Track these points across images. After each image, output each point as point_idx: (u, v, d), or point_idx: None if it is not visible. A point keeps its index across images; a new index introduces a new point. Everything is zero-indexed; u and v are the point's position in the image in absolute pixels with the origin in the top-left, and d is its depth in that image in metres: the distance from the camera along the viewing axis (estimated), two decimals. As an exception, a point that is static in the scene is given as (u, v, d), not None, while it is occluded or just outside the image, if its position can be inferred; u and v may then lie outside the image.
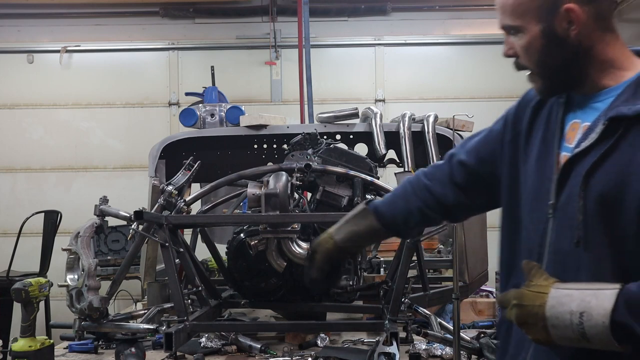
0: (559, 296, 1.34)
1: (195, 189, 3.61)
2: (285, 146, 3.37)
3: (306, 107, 5.38)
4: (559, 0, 1.44)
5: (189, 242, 3.37)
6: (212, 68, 5.38)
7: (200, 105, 4.34)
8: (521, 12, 1.48)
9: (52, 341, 2.75)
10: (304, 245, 2.65)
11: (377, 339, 2.75)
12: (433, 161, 3.41)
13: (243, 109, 4.26)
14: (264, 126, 3.73)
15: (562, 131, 1.52)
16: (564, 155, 1.49)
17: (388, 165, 3.73)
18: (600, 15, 1.46)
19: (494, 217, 1.93)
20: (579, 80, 1.50)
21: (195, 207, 3.42)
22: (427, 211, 1.83)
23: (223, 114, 4.21)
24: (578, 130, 1.49)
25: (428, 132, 3.59)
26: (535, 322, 1.36)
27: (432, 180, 1.84)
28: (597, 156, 1.40)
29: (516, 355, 1.58)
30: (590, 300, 1.31)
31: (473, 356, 2.71)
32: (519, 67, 1.55)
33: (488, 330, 2.99)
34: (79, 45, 7.04)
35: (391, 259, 3.24)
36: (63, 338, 3.12)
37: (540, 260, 1.49)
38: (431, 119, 3.64)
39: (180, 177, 2.98)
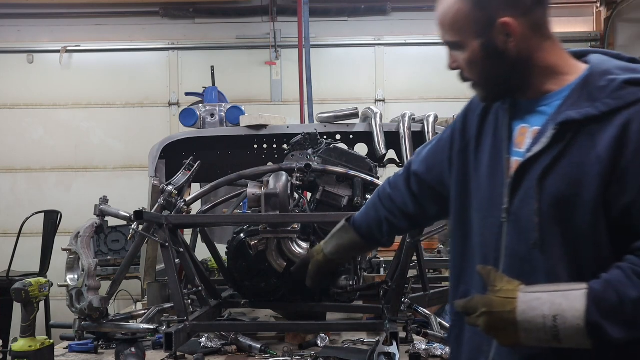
0: (529, 300, 1.37)
1: (195, 189, 3.61)
2: (285, 146, 3.37)
3: (306, 107, 5.38)
4: (495, 15, 1.47)
5: (189, 242, 3.37)
6: (212, 68, 5.38)
7: (200, 105, 4.34)
8: (459, 28, 1.52)
9: (52, 341, 2.74)
10: (304, 245, 2.65)
11: (377, 339, 2.75)
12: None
13: (243, 109, 4.26)
14: (264, 126, 3.73)
15: (510, 136, 1.56)
16: (515, 160, 1.52)
17: (388, 165, 3.72)
18: (536, 24, 1.49)
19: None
20: (522, 88, 1.54)
21: (195, 207, 3.42)
22: (393, 220, 1.93)
23: (223, 114, 4.21)
24: (527, 135, 1.53)
25: (428, 132, 3.59)
26: (505, 328, 1.39)
27: (394, 189, 1.92)
28: (549, 160, 1.44)
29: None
30: (561, 302, 1.35)
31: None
32: (464, 79, 1.60)
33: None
34: (79, 45, 7.05)
35: (391, 259, 3.23)
36: (63, 338, 3.11)
37: (497, 265, 1.52)
38: (431, 119, 3.64)
39: (180, 177, 2.98)
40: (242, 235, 2.90)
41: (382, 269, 4.00)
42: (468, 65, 1.55)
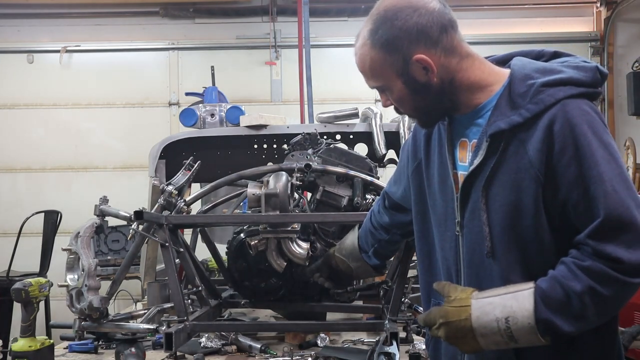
0: (481, 306, 1.43)
1: (195, 189, 3.60)
2: (285, 146, 3.36)
3: (306, 107, 5.37)
4: (407, 55, 1.53)
5: (189, 242, 3.37)
6: (212, 68, 5.38)
7: (200, 105, 4.34)
8: (379, 73, 1.58)
9: (52, 341, 2.74)
10: (304, 245, 2.65)
11: (377, 339, 2.75)
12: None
13: (243, 109, 4.25)
14: (264, 126, 3.73)
15: (453, 151, 1.63)
16: (461, 174, 1.59)
17: (388, 165, 3.72)
18: (448, 50, 1.54)
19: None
20: (454, 107, 1.60)
21: (195, 207, 3.41)
22: (375, 233, 2.17)
23: (223, 114, 4.20)
24: (468, 148, 1.59)
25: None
26: (464, 335, 1.44)
27: (377, 208, 2.16)
28: (489, 170, 1.50)
29: None
30: (511, 304, 1.40)
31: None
32: (400, 112, 1.68)
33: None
34: (79, 45, 7.05)
35: (391, 258, 3.23)
36: (63, 338, 3.11)
37: (459, 277, 1.59)
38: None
39: (180, 177, 2.98)
40: (242, 235, 2.89)
41: (382, 269, 3.98)
42: (398, 102, 1.62)
